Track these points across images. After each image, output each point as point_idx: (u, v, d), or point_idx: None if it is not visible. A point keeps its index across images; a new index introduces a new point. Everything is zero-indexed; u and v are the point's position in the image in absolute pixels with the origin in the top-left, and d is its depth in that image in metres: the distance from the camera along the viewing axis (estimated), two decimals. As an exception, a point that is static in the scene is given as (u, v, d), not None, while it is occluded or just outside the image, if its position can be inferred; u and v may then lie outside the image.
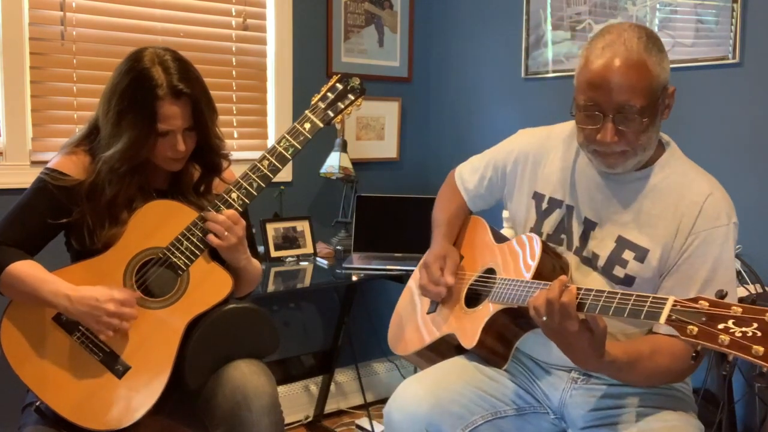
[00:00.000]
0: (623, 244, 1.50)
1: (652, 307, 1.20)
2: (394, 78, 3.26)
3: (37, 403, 1.55)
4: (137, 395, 1.55)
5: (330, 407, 3.13)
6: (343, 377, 3.20)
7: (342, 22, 3.07)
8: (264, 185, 1.65)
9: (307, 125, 1.70)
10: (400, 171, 3.35)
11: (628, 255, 1.49)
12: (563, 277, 1.33)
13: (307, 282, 2.73)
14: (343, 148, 2.94)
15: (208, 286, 1.61)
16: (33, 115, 2.41)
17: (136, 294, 1.58)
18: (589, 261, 1.55)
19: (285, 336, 3.01)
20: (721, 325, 1.09)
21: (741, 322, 1.08)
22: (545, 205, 1.64)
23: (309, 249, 2.87)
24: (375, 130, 3.24)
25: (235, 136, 2.87)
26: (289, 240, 2.84)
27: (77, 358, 1.55)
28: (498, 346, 1.59)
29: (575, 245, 1.58)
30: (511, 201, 1.75)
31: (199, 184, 1.72)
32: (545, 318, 1.31)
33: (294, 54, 2.95)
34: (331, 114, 1.73)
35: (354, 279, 2.71)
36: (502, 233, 1.82)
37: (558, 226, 1.61)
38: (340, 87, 1.76)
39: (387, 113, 3.26)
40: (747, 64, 2.24)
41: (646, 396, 1.54)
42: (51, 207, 1.59)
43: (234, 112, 2.86)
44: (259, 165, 1.65)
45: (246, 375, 1.57)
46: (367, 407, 3.02)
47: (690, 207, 1.45)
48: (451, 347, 1.70)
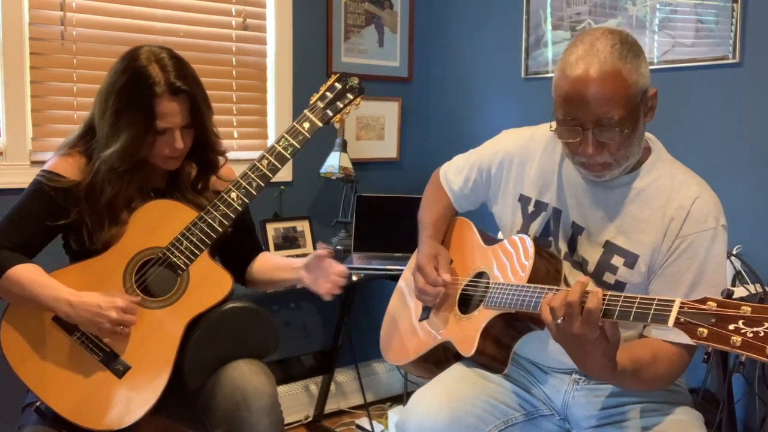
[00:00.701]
0: (612, 249, 1.49)
1: (658, 310, 1.17)
2: (394, 78, 3.26)
3: (37, 403, 1.54)
4: (137, 395, 1.55)
5: (330, 407, 3.12)
6: (343, 377, 3.20)
7: (342, 22, 3.07)
8: (263, 185, 1.65)
9: (306, 125, 1.70)
10: (400, 171, 3.35)
11: (617, 261, 1.47)
12: (585, 279, 1.27)
13: (307, 282, 2.72)
14: (343, 148, 2.94)
15: (208, 285, 1.61)
16: (33, 115, 2.41)
17: (137, 298, 1.58)
18: (580, 266, 1.54)
19: (285, 336, 3.01)
20: (732, 326, 1.07)
21: (751, 322, 1.06)
22: (531, 208, 1.62)
23: (309, 249, 2.87)
24: (375, 130, 3.23)
25: (235, 136, 2.87)
26: (289, 240, 2.84)
27: (77, 358, 1.55)
28: (496, 351, 1.57)
29: (564, 250, 1.56)
30: (496, 204, 1.72)
31: (197, 181, 1.72)
32: (560, 321, 1.26)
33: (294, 54, 2.95)
34: (330, 113, 1.73)
35: (354, 279, 2.70)
36: (490, 234, 1.79)
37: (544, 229, 1.60)
38: (338, 86, 1.76)
39: (387, 113, 3.26)
40: (747, 64, 2.24)
41: (647, 393, 1.53)
42: (48, 209, 1.59)
43: (234, 112, 2.86)
44: (259, 164, 1.65)
45: (246, 375, 1.57)
46: (367, 407, 3.01)
47: (678, 211, 1.43)
48: (448, 355, 1.68)
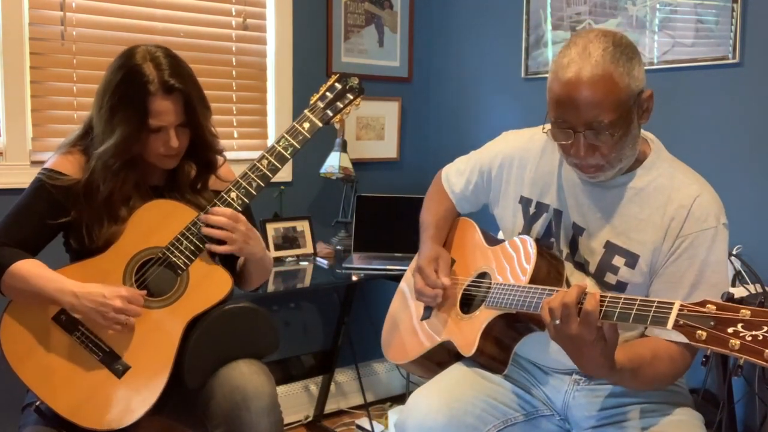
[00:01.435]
0: (612, 249, 1.48)
1: (658, 312, 1.17)
2: (394, 78, 3.26)
3: (37, 403, 1.54)
4: (137, 395, 1.55)
5: (330, 407, 3.13)
6: (343, 377, 3.20)
7: (342, 22, 3.07)
8: (263, 185, 1.65)
9: (306, 125, 1.70)
10: (400, 171, 3.35)
11: (618, 261, 1.47)
12: (584, 284, 1.28)
13: (307, 282, 2.73)
14: (343, 148, 2.94)
15: (207, 285, 1.61)
16: (33, 115, 2.41)
17: (141, 292, 1.58)
18: (582, 267, 1.54)
19: (285, 336, 3.01)
20: (731, 329, 1.07)
21: (750, 325, 1.06)
22: (533, 210, 1.62)
23: (309, 249, 2.87)
24: (375, 130, 3.24)
25: (235, 136, 2.87)
26: (289, 240, 2.84)
27: (77, 357, 1.55)
28: (497, 351, 1.57)
29: (565, 251, 1.56)
30: (497, 206, 1.72)
31: (196, 181, 1.72)
32: (558, 322, 1.27)
33: (294, 54, 2.95)
34: (330, 113, 1.73)
35: (354, 279, 2.71)
36: (492, 235, 1.79)
37: (546, 230, 1.60)
38: (338, 86, 1.76)
39: (387, 113, 3.26)
40: (747, 64, 2.24)
41: (647, 393, 1.53)
42: (49, 207, 1.59)
43: (234, 112, 2.86)
44: (259, 164, 1.65)
45: (245, 375, 1.57)
46: (367, 407, 3.01)
47: (678, 210, 1.43)
48: (449, 355, 1.68)
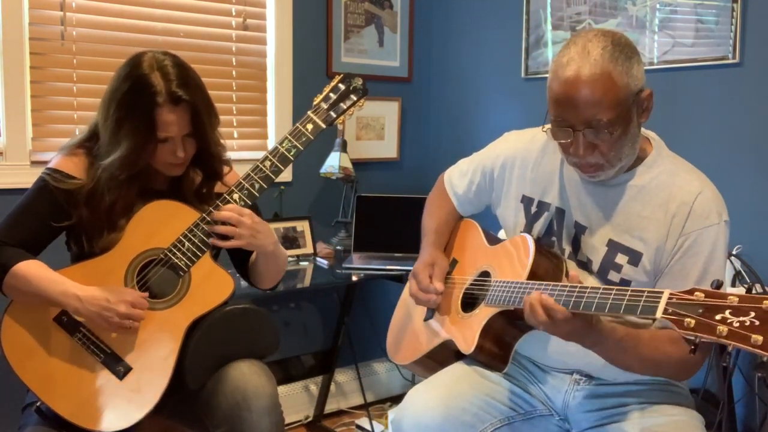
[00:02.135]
0: (615, 247, 1.49)
1: (647, 302, 1.19)
2: (394, 78, 3.26)
3: (38, 404, 1.54)
4: (138, 396, 1.54)
5: (330, 407, 3.13)
6: (343, 377, 3.20)
7: (342, 22, 3.07)
8: (266, 186, 1.64)
9: (310, 126, 1.69)
10: (400, 171, 3.35)
11: (621, 259, 1.48)
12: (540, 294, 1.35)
13: (307, 282, 2.73)
14: (343, 148, 2.94)
15: (209, 287, 1.61)
16: (33, 115, 2.40)
17: (144, 294, 1.58)
18: (585, 265, 1.54)
19: (285, 336, 3.01)
20: (719, 316, 1.08)
21: (738, 311, 1.06)
22: (534, 209, 1.63)
23: (309, 249, 2.87)
24: (375, 130, 3.24)
25: (235, 136, 2.87)
26: (289, 240, 2.84)
27: (78, 359, 1.55)
28: (497, 349, 1.58)
29: (567, 250, 1.56)
30: (500, 206, 1.73)
31: (201, 188, 1.71)
32: (542, 328, 1.33)
33: (294, 54, 2.95)
34: (334, 115, 1.72)
35: (354, 279, 2.71)
36: (495, 235, 1.80)
37: (547, 229, 1.60)
38: (342, 87, 1.75)
39: (387, 113, 3.26)
40: (747, 64, 2.24)
41: (648, 393, 1.54)
42: (52, 208, 1.58)
43: (234, 112, 2.86)
44: (261, 166, 1.64)
45: (246, 375, 1.57)
46: (367, 407, 3.02)
47: (680, 208, 1.43)
48: (450, 354, 1.69)
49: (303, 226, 2.89)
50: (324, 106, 1.73)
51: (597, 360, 1.42)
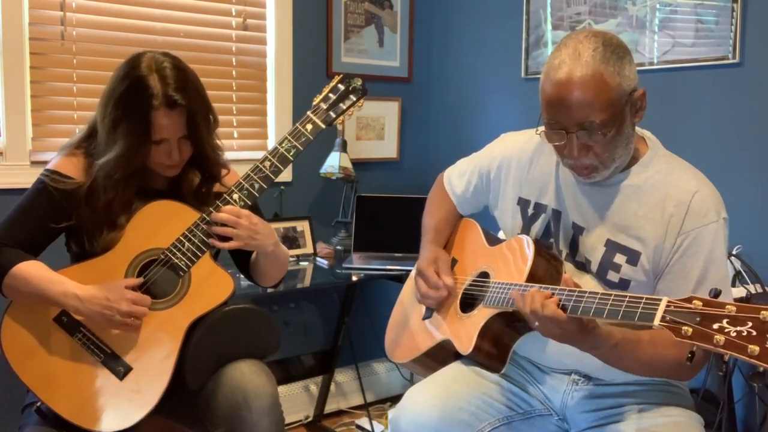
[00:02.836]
0: (613, 247, 1.49)
1: (645, 309, 1.19)
2: (394, 78, 3.26)
3: (38, 404, 1.54)
4: (138, 396, 1.54)
5: (330, 407, 3.13)
6: (343, 377, 3.20)
7: (342, 22, 3.07)
8: (266, 186, 1.64)
9: (309, 126, 1.68)
10: (400, 171, 3.35)
11: (619, 259, 1.48)
12: (547, 293, 1.34)
13: (307, 282, 2.73)
14: (343, 148, 2.94)
15: (209, 287, 1.61)
16: (33, 115, 2.41)
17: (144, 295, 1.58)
18: (584, 266, 1.54)
19: (285, 336, 3.01)
20: (716, 325, 1.08)
21: (735, 321, 1.07)
22: (531, 211, 1.63)
23: (309, 249, 2.87)
24: (375, 130, 3.24)
25: (235, 136, 2.87)
26: (289, 240, 2.84)
27: (78, 359, 1.55)
28: (495, 350, 1.58)
29: (565, 251, 1.56)
30: (497, 207, 1.73)
31: (200, 189, 1.71)
32: (537, 324, 1.33)
33: (294, 54, 2.95)
34: (333, 115, 1.72)
35: (354, 279, 2.71)
36: (495, 235, 1.80)
37: (545, 230, 1.60)
38: (342, 88, 1.74)
39: (387, 113, 3.26)
40: (747, 64, 2.24)
41: (646, 393, 1.54)
42: (50, 209, 1.58)
43: (234, 112, 2.86)
44: (261, 166, 1.64)
45: (246, 375, 1.57)
46: (367, 407, 3.02)
47: (677, 207, 1.43)
48: (449, 353, 1.69)
49: (303, 226, 2.89)
50: (323, 106, 1.72)
51: (595, 360, 1.42)
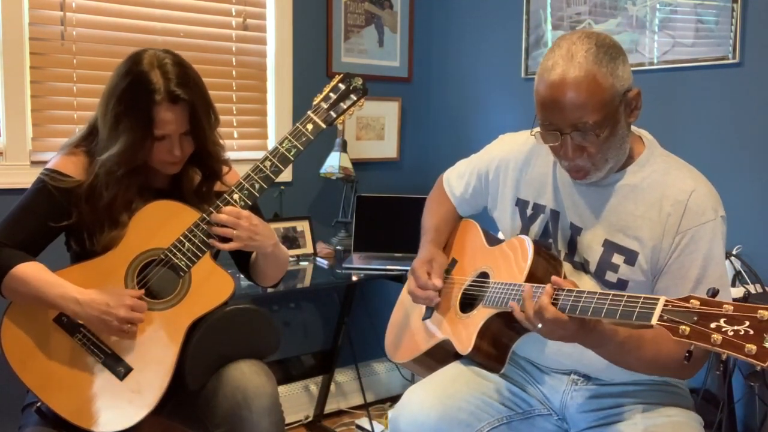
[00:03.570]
0: (611, 248, 1.49)
1: (643, 308, 1.19)
2: (394, 78, 3.26)
3: (38, 404, 1.54)
4: (139, 396, 1.54)
5: (330, 407, 3.13)
6: (343, 377, 3.20)
7: (342, 22, 3.07)
8: (266, 186, 1.64)
9: (310, 126, 1.68)
10: (400, 171, 3.35)
11: (617, 259, 1.48)
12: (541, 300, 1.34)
13: (307, 282, 2.73)
14: (343, 148, 2.94)
15: (209, 287, 1.61)
16: (33, 115, 2.41)
17: (141, 292, 1.57)
18: (582, 266, 1.54)
19: (285, 336, 3.01)
20: (714, 324, 1.09)
21: (733, 320, 1.07)
22: (530, 211, 1.63)
23: (309, 249, 2.87)
24: (375, 130, 3.24)
25: (235, 136, 2.87)
26: (289, 240, 2.84)
27: (78, 359, 1.55)
28: (494, 350, 1.58)
29: (563, 251, 1.57)
30: (496, 209, 1.73)
31: (200, 187, 1.71)
32: (540, 326, 1.33)
33: (294, 54, 2.95)
34: (334, 115, 1.72)
35: (354, 279, 2.71)
36: (494, 236, 1.80)
37: (543, 231, 1.60)
38: (342, 87, 1.74)
39: (387, 113, 3.26)
40: (747, 64, 2.24)
41: (646, 393, 1.54)
42: (51, 209, 1.58)
43: (234, 112, 2.86)
44: (261, 166, 1.64)
45: (246, 375, 1.58)
46: (367, 407, 3.02)
47: (675, 206, 1.43)
48: (448, 353, 1.69)
49: (303, 226, 2.89)
50: (324, 105, 1.72)
51: (595, 361, 1.42)
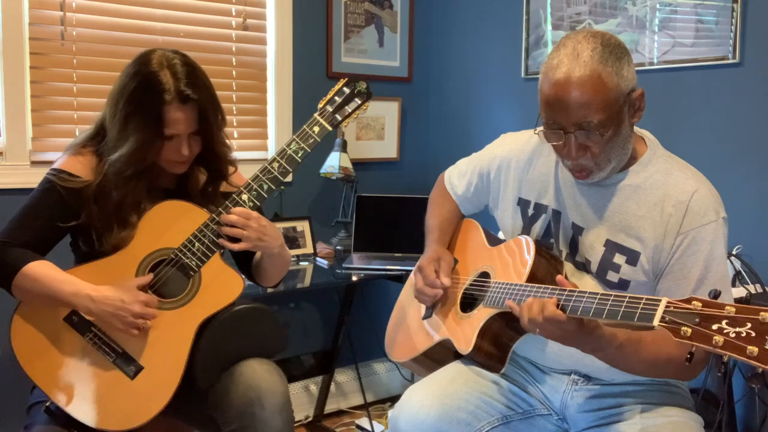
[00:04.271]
0: (612, 248, 1.49)
1: (645, 309, 1.19)
2: (394, 78, 3.26)
3: (47, 404, 1.55)
4: (150, 396, 1.56)
5: (330, 407, 3.13)
6: (343, 377, 3.20)
7: (342, 22, 3.07)
8: (274, 187, 1.66)
9: (316, 128, 1.71)
10: (400, 171, 3.35)
11: (619, 259, 1.48)
12: (529, 300, 1.34)
13: (307, 282, 2.73)
14: (343, 148, 2.94)
15: (219, 287, 1.62)
16: (33, 115, 2.40)
17: (154, 297, 1.59)
18: (584, 266, 1.54)
19: (285, 336, 3.01)
20: (715, 326, 1.08)
21: (735, 322, 1.07)
22: (531, 211, 1.63)
23: (309, 249, 2.88)
24: (375, 130, 3.24)
25: (235, 136, 2.87)
26: (289, 240, 2.84)
27: (89, 358, 1.56)
28: (494, 350, 1.58)
29: (565, 251, 1.57)
30: (497, 208, 1.73)
31: (206, 187, 1.72)
32: (539, 330, 1.33)
33: (294, 54, 2.95)
34: (339, 117, 1.74)
35: (354, 279, 2.71)
36: (495, 235, 1.80)
37: (545, 231, 1.60)
38: (347, 91, 1.76)
39: (387, 113, 3.26)
40: (747, 64, 2.24)
41: (646, 393, 1.54)
42: (59, 209, 1.58)
43: (234, 112, 2.86)
44: (269, 167, 1.66)
45: (259, 373, 1.60)
46: (367, 407, 3.02)
47: (676, 207, 1.43)
48: (448, 353, 1.69)
49: (303, 226, 2.89)
50: (329, 109, 1.74)
51: (595, 361, 1.41)
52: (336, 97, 1.75)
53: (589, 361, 1.44)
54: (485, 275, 1.67)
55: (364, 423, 2.98)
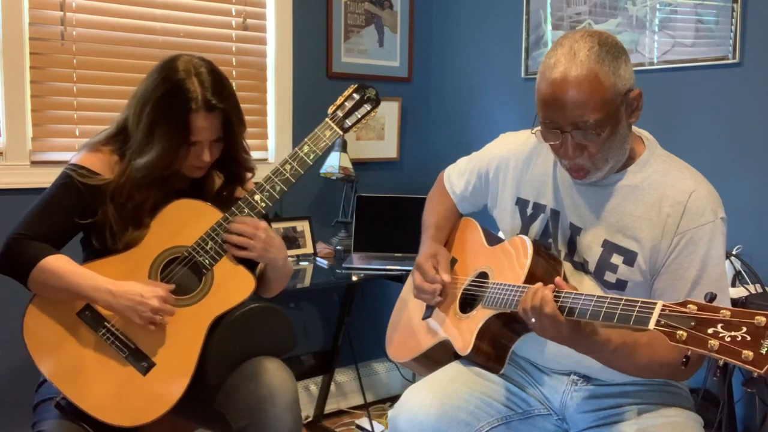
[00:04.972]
0: (610, 248, 1.49)
1: (640, 312, 1.19)
2: (394, 78, 3.26)
3: (58, 399, 1.55)
4: (161, 392, 1.57)
5: (330, 407, 3.13)
6: (343, 377, 3.20)
7: (342, 22, 3.07)
8: (286, 188, 1.69)
9: (328, 132, 1.74)
10: (400, 171, 3.35)
11: (616, 259, 1.47)
12: (538, 285, 1.35)
13: (307, 282, 2.73)
14: (343, 148, 2.94)
15: (231, 285, 1.64)
16: (33, 115, 2.40)
17: (171, 286, 1.60)
18: (582, 266, 1.54)
19: (285, 336, 3.01)
20: (711, 330, 1.08)
21: (730, 326, 1.07)
22: (530, 211, 1.63)
23: (309, 249, 2.88)
24: (375, 130, 3.24)
25: (235, 136, 2.87)
26: (289, 240, 2.84)
27: (102, 354, 1.57)
28: (493, 351, 1.58)
29: (564, 251, 1.56)
30: (496, 207, 1.73)
31: (221, 191, 1.75)
32: (534, 320, 1.34)
33: (294, 54, 2.95)
34: (349, 123, 1.79)
35: (354, 279, 2.71)
36: (495, 234, 1.80)
37: (544, 231, 1.60)
38: (357, 97, 1.81)
39: (387, 113, 3.26)
40: (747, 64, 2.24)
41: (645, 394, 1.54)
42: (77, 204, 1.60)
43: (234, 112, 2.86)
44: (282, 169, 1.69)
45: (270, 371, 1.62)
46: (367, 407, 3.02)
47: (674, 207, 1.42)
48: (448, 353, 1.69)
49: (303, 226, 2.89)
50: (340, 114, 1.79)
51: (594, 362, 1.42)
52: (346, 103, 1.80)
53: (589, 362, 1.44)
54: (484, 275, 1.67)
55: (364, 423, 2.98)
